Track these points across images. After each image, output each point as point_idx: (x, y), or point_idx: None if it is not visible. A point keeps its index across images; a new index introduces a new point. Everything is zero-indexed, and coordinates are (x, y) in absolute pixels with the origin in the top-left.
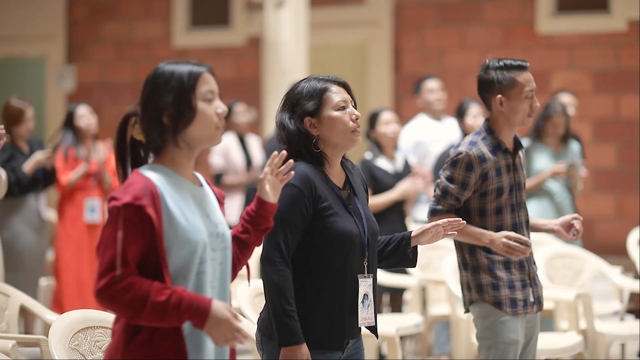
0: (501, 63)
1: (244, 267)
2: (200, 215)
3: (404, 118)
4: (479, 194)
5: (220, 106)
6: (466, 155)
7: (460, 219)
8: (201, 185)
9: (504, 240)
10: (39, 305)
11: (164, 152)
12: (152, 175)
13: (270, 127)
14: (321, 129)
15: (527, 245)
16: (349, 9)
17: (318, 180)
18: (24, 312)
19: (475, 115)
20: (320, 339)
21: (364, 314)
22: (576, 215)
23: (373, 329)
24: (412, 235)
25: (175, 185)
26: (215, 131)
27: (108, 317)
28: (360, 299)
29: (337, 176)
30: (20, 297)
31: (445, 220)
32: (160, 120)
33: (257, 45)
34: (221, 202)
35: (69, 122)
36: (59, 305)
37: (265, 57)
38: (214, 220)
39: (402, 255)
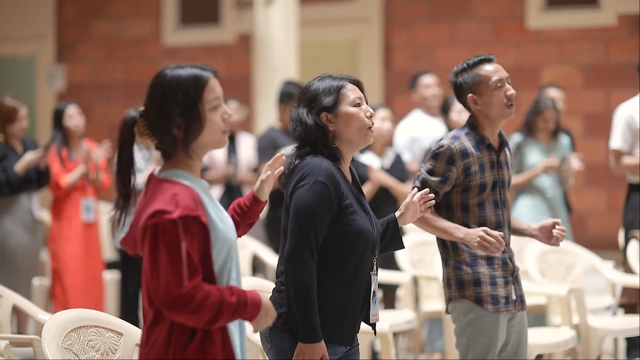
0: (464, 64)
1: None
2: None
3: (394, 114)
4: (462, 189)
5: (226, 111)
6: (448, 149)
7: (428, 190)
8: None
9: (482, 234)
10: (31, 305)
11: (176, 156)
12: (188, 182)
13: (261, 125)
14: (337, 124)
15: (503, 242)
16: (339, 5)
17: (339, 177)
18: (17, 312)
19: (460, 111)
20: (332, 334)
21: (374, 310)
22: (557, 220)
23: (373, 326)
24: (397, 216)
25: (202, 189)
26: (221, 136)
27: (101, 317)
28: (370, 296)
29: (347, 174)
30: (12, 297)
31: (418, 194)
32: (170, 132)
33: (247, 42)
34: None
35: (58, 120)
36: (64, 308)
37: (256, 54)
38: (225, 215)
39: (392, 238)
